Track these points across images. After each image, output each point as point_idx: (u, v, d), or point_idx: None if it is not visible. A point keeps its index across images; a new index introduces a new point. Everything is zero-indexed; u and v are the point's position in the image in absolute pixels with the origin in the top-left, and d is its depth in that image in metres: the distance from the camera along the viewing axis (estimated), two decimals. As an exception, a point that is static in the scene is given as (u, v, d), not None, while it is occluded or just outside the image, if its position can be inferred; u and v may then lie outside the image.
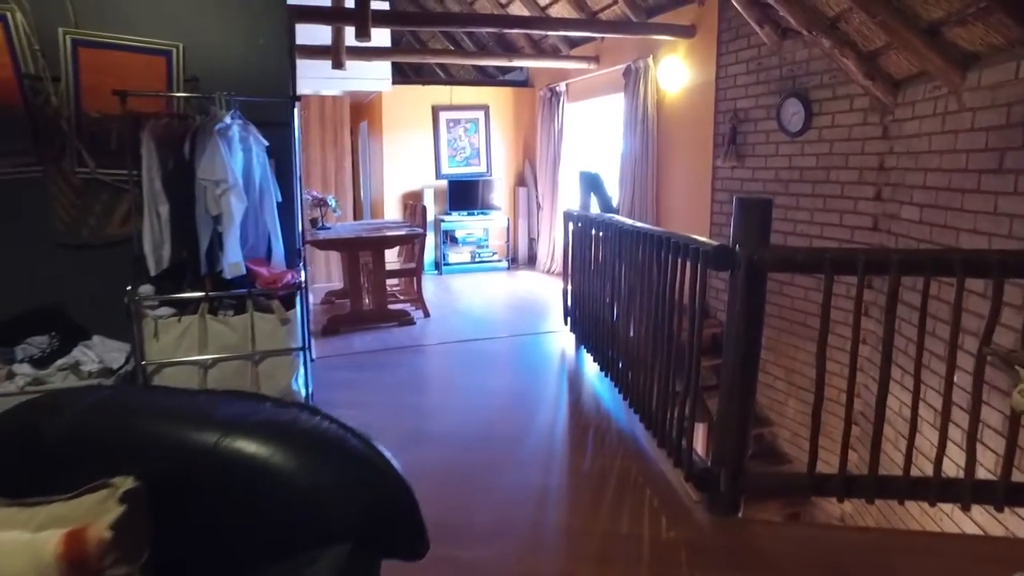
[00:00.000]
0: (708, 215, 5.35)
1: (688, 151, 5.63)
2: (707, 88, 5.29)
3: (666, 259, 2.71)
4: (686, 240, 2.54)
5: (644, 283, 3.01)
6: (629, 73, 6.21)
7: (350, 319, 5.42)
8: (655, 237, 2.83)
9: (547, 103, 7.99)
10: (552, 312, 5.82)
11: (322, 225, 5.85)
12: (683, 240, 2.56)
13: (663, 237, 2.73)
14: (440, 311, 6.02)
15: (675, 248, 2.61)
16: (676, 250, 2.61)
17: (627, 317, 3.34)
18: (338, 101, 7.35)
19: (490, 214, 8.40)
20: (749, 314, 2.22)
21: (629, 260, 3.25)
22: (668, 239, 2.67)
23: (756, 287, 2.22)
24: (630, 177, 6.22)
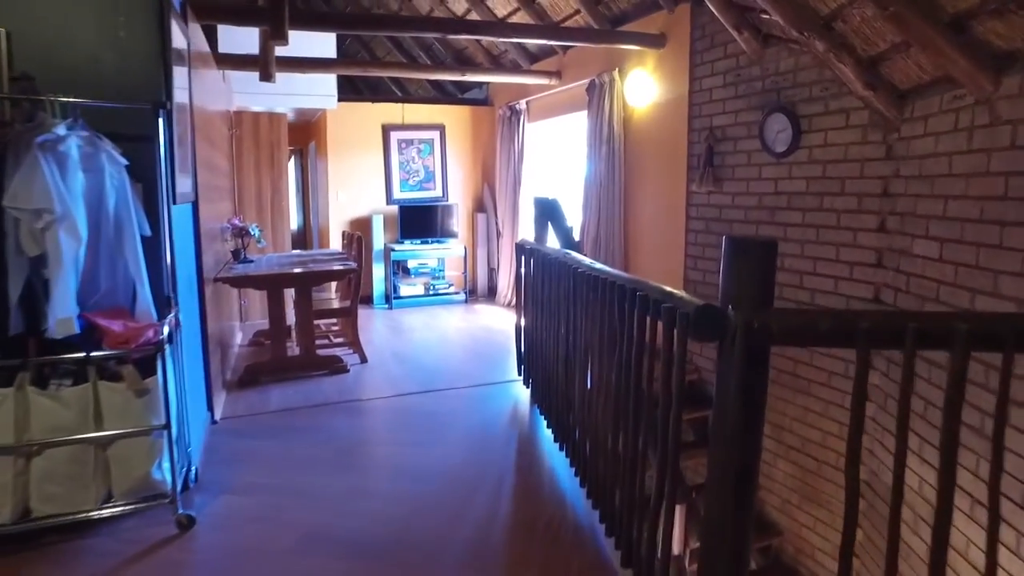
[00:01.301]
0: (682, 246, 4.72)
1: (659, 174, 5.03)
2: (679, 104, 4.70)
3: (631, 315, 2.03)
4: (659, 294, 1.87)
5: (604, 343, 2.33)
6: (593, 88, 5.61)
7: (272, 367, 4.66)
8: (618, 287, 2.15)
9: (507, 122, 7.37)
10: (509, 355, 5.13)
11: (244, 258, 5.11)
12: (655, 294, 1.89)
13: (628, 288, 2.06)
14: (380, 355, 5.28)
15: (643, 303, 1.94)
16: (644, 306, 1.93)
17: (584, 382, 2.66)
18: (275, 118, 6.64)
19: (446, 242, 7.72)
20: (747, 404, 1.55)
21: (586, 311, 2.58)
22: (634, 291, 2.00)
23: (756, 366, 1.55)
24: (594, 203, 5.59)
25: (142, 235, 2.69)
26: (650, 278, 4.81)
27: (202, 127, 4.07)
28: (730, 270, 1.58)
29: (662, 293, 1.85)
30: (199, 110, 3.99)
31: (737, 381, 1.54)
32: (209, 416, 3.76)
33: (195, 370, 3.54)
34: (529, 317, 3.87)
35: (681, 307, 1.68)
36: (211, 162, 4.47)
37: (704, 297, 1.72)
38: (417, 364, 5.04)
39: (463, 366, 4.99)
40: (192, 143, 3.51)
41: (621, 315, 2.10)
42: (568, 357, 2.89)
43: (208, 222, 4.22)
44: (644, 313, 1.94)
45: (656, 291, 1.89)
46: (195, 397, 3.47)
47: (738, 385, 1.54)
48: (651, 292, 1.90)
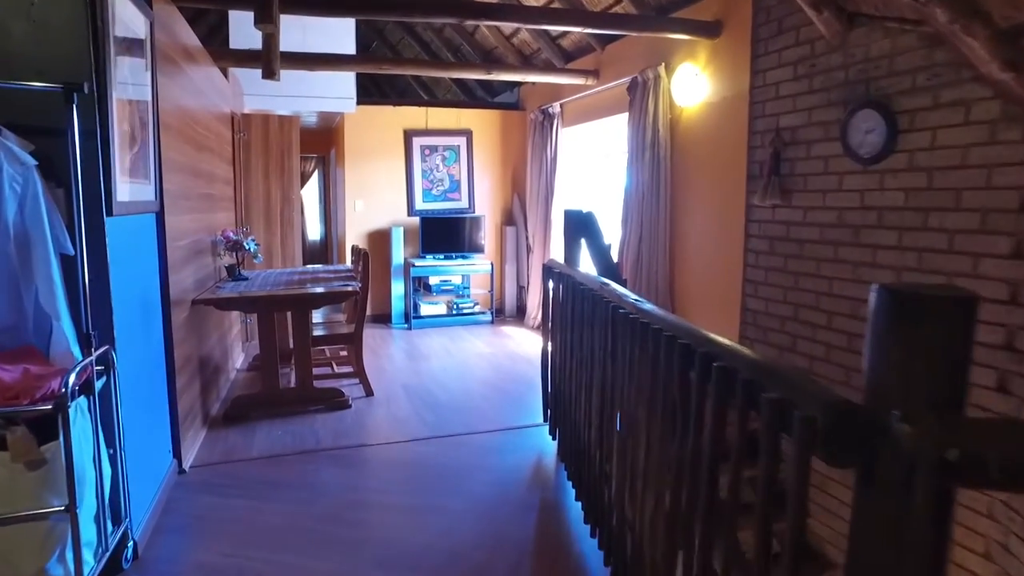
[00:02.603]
0: (739, 269, 4.00)
1: (712, 185, 4.32)
2: (738, 102, 4.00)
3: (700, 393, 1.35)
4: (750, 368, 1.19)
5: (654, 422, 1.65)
6: (635, 87, 4.94)
7: (262, 401, 4.08)
8: (680, 345, 1.48)
9: (539, 127, 6.74)
10: (535, 391, 4.47)
11: (238, 275, 4.56)
12: (743, 367, 1.21)
13: (697, 352, 1.38)
14: (389, 387, 4.67)
15: (722, 380, 1.26)
16: (725, 385, 1.25)
17: (625, 462, 1.98)
18: (286, 121, 6.13)
19: (472, 258, 7.10)
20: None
21: (629, 369, 1.90)
22: (709, 360, 1.32)
23: (941, 517, 0.86)
24: (635, 218, 4.91)
25: (63, 254, 2.12)
26: (700, 305, 4.04)
27: (180, 128, 3.53)
28: (891, 345, 0.89)
29: (755, 366, 1.17)
30: (177, 108, 3.46)
31: (911, 543, 0.85)
32: (175, 465, 3.18)
33: (156, 412, 2.96)
34: (557, 356, 3.21)
35: (797, 401, 1.00)
36: (196, 167, 3.93)
37: (771, 342, 1.04)
38: (429, 400, 4.41)
39: (482, 404, 4.34)
40: (156, 144, 2.95)
41: (684, 388, 1.43)
42: (603, 425, 2.21)
43: (188, 235, 3.67)
44: (723, 394, 1.26)
45: (745, 362, 1.21)
46: (153, 445, 2.90)
47: (911, 548, 0.86)
48: (737, 363, 1.22)
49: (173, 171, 3.34)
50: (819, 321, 3.38)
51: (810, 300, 3.45)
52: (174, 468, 3.16)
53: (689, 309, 4.61)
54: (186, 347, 3.46)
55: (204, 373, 3.93)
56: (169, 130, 3.24)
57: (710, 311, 4.39)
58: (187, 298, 3.57)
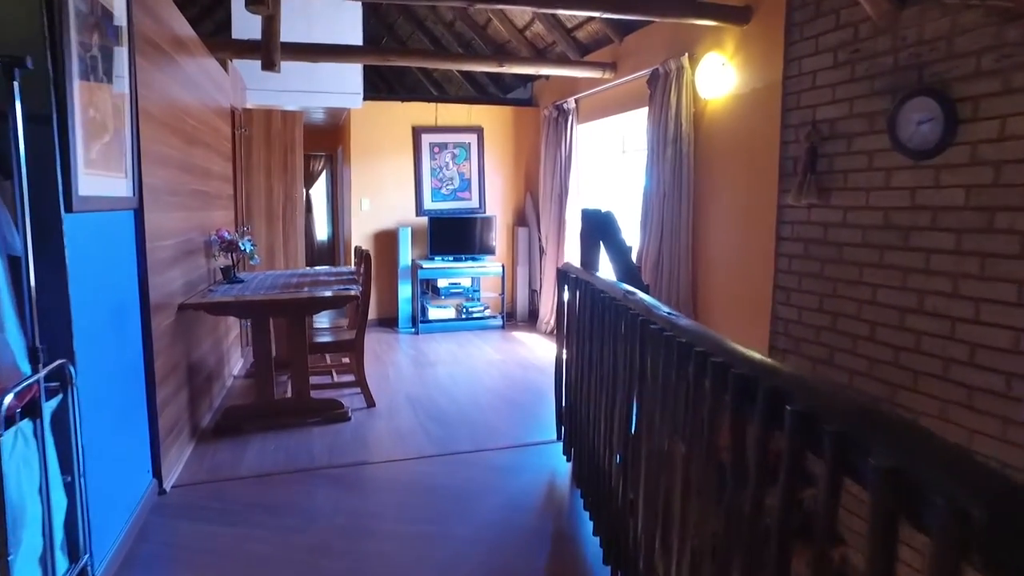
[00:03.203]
0: (770, 274, 3.69)
1: (740, 183, 4.02)
2: (769, 93, 3.69)
3: (764, 438, 1.06)
4: (845, 419, 0.89)
5: (699, 466, 1.36)
6: (656, 80, 4.64)
7: (256, 413, 3.82)
8: (734, 376, 1.18)
9: (553, 123, 6.45)
10: (547, 402, 4.18)
11: (233, 277, 4.31)
12: (831, 411, 0.91)
13: (764, 389, 1.09)
14: (392, 398, 4.40)
15: (800, 427, 0.96)
16: (802, 431, 0.96)
17: (654, 504, 1.68)
18: (289, 116, 5.88)
19: (482, 260, 6.82)
20: None
21: (663, 394, 1.61)
22: (775, 396, 1.03)
23: None
24: (656, 218, 4.61)
25: (9, 255, 1.85)
26: (725, 312, 3.74)
27: (167, 119, 3.29)
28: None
29: (852, 413, 0.88)
30: (164, 98, 3.21)
31: None
32: (154, 485, 2.92)
33: (132, 429, 2.71)
34: (573, 370, 2.92)
35: (932, 479, 0.70)
36: (186, 162, 3.67)
37: (805, 353, 0.75)
38: (435, 412, 4.13)
39: (491, 418, 4.05)
40: (135, 136, 2.69)
41: (739, 430, 1.13)
42: (628, 456, 1.92)
43: (176, 235, 3.42)
44: (802, 447, 0.96)
45: (835, 406, 0.91)
46: (128, 465, 2.64)
47: None
48: (821, 408, 0.92)
49: (158, 165, 3.09)
50: (861, 332, 3.07)
51: (851, 309, 3.13)
52: (153, 489, 2.90)
53: (713, 316, 4.30)
54: (171, 355, 3.21)
55: (194, 382, 3.68)
56: (152, 121, 2.99)
57: (736, 319, 4.08)
58: (173, 302, 3.31)
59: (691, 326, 1.49)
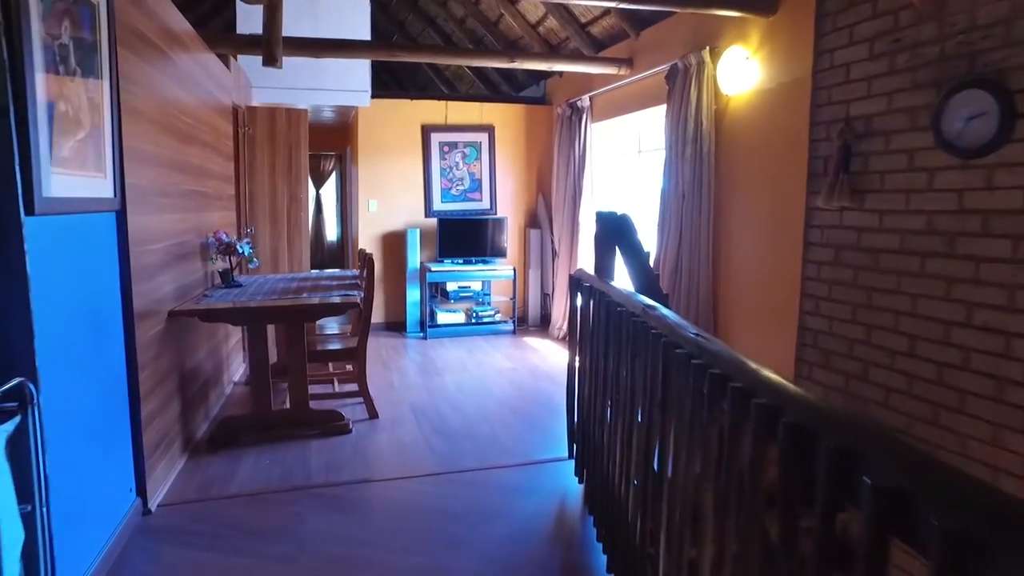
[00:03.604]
0: (797, 282, 3.45)
1: (764, 183, 3.78)
2: (797, 88, 3.46)
3: (830, 503, 0.84)
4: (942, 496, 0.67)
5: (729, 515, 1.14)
6: (675, 75, 4.41)
7: (252, 424, 3.63)
8: (786, 427, 0.96)
9: (566, 122, 6.23)
10: (559, 415, 3.97)
11: (232, 281, 4.13)
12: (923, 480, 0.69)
13: (814, 436, 0.86)
14: (396, 408, 4.20)
15: (879, 502, 0.74)
16: (881, 505, 0.73)
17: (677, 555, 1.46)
18: (294, 114, 5.71)
19: (493, 263, 6.61)
20: None
21: (689, 433, 1.38)
22: (842, 458, 0.80)
23: None
24: (674, 222, 4.38)
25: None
26: (747, 322, 3.49)
27: (158, 116, 3.12)
28: None
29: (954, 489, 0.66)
30: (154, 94, 3.04)
31: None
32: (138, 504, 2.73)
33: (112, 446, 2.53)
34: (586, 387, 2.71)
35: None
36: (180, 161, 3.50)
37: (836, 368, 0.54)
38: (440, 425, 3.92)
39: (499, 431, 3.83)
40: (116, 133, 2.51)
41: (790, 483, 0.91)
42: (647, 492, 1.69)
43: (168, 237, 3.25)
44: (883, 523, 0.74)
45: (928, 474, 0.69)
46: (107, 486, 2.46)
47: None
48: (909, 475, 0.70)
49: (146, 164, 2.91)
50: (899, 346, 2.83)
51: (887, 321, 2.89)
52: (137, 508, 2.72)
53: (734, 325, 4.07)
54: (160, 366, 3.03)
55: (188, 391, 3.50)
56: (139, 117, 2.81)
57: (760, 329, 3.85)
58: (163, 309, 3.13)
59: (725, 353, 1.27)
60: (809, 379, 3.40)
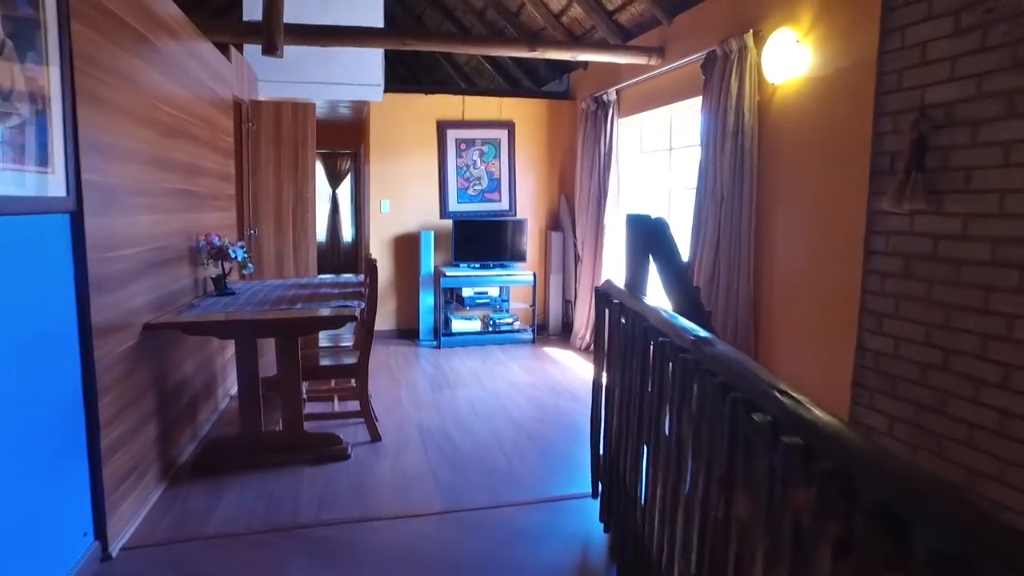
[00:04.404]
0: (856, 297, 3.01)
1: (816, 183, 3.35)
2: (859, 73, 3.02)
3: None
4: None
5: None
6: (712, 64, 3.98)
7: (240, 447, 3.28)
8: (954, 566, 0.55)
9: (591, 117, 5.82)
10: (582, 441, 3.57)
11: (225, 288, 3.79)
12: None
13: None
14: (402, 429, 3.82)
15: None
16: None
17: None
18: (300, 108, 5.37)
19: (512, 267, 6.22)
20: None
21: (766, 521, 0.97)
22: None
23: None
24: (710, 226, 3.95)
25: None
26: (793, 338, 3.05)
27: (134, 107, 2.79)
28: None
29: None
30: (129, 82, 2.70)
31: None
32: (95, 549, 2.38)
33: (64, 483, 2.18)
34: (615, 418, 2.30)
35: None
36: (163, 157, 3.16)
37: (903, 396, 0.46)
38: (448, 450, 3.54)
39: (514, 460, 3.43)
40: (69, 123, 2.16)
41: None
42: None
43: (144, 241, 2.91)
44: None
45: None
46: (59, 527, 2.11)
47: None
48: None
49: (116, 159, 2.57)
50: (989, 376, 2.38)
51: (972, 345, 2.44)
52: (95, 554, 2.37)
53: (778, 342, 3.63)
54: (130, 386, 2.68)
55: (169, 411, 3.16)
56: (104, 106, 2.47)
57: (808, 347, 3.41)
58: (136, 321, 2.79)
59: (833, 427, 0.86)
60: (869, 407, 2.95)
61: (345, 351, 3.81)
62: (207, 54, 4.08)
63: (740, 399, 1.07)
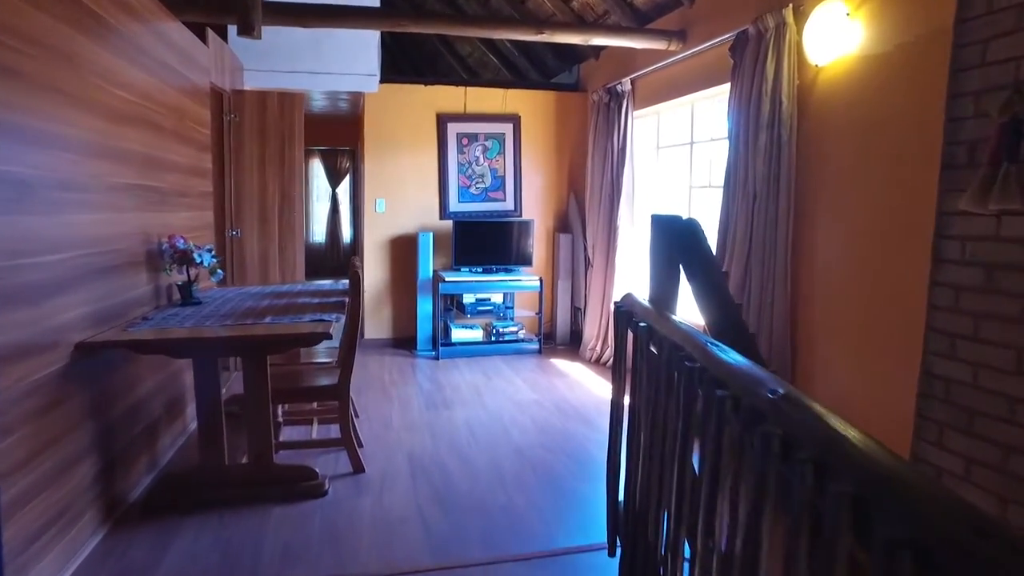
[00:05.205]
0: (921, 312, 2.54)
1: (869, 179, 2.87)
2: (928, 48, 2.55)
3: None
4: None
5: None
6: (743, 46, 3.52)
7: (200, 483, 2.84)
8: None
9: (603, 110, 5.35)
10: (596, 473, 3.11)
11: (191, 298, 3.35)
12: None
13: None
14: (390, 458, 3.37)
15: None
16: None
17: None
18: (287, 99, 4.93)
19: (516, 271, 5.77)
20: None
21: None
22: None
23: None
24: (741, 226, 3.48)
25: None
26: (839, 358, 2.53)
27: (62, 86, 2.34)
28: None
29: None
30: (52, 56, 2.25)
31: None
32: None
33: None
34: (640, 470, 1.84)
35: None
36: (111, 148, 2.73)
37: (982, 434, 0.63)
38: (441, 486, 3.08)
39: (516, 500, 2.96)
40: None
41: None
42: None
43: (81, 245, 2.47)
44: None
45: None
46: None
47: None
48: None
49: (33, 145, 2.13)
50: (1106, 418, 1.91)
51: (1081, 378, 1.97)
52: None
53: (819, 360, 3.16)
54: (53, 420, 2.24)
55: (116, 442, 2.72)
56: (22, 81, 2.03)
57: (857, 368, 2.93)
58: (64, 341, 2.35)
59: None
60: (938, 445, 2.48)
61: (326, 368, 3.37)
62: (175, 35, 3.64)
63: (854, 496, 0.60)
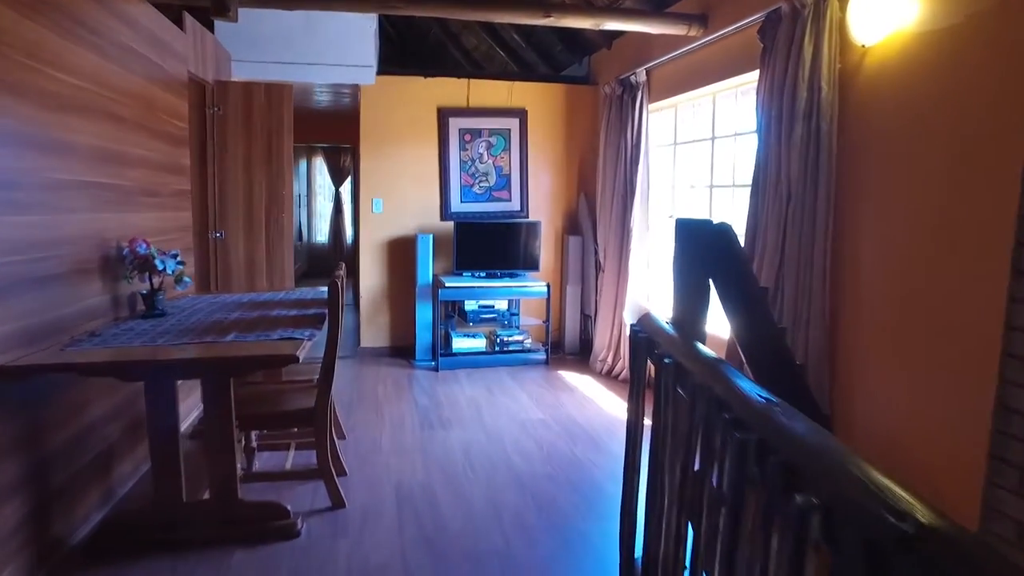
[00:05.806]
0: (996, 331, 2.14)
1: (926, 177, 2.47)
2: (1007, 18, 2.15)
3: None
4: None
5: None
6: (774, 26, 3.12)
7: (152, 525, 2.48)
8: None
9: (615, 103, 4.97)
10: (606, 509, 2.73)
11: (154, 308, 3.00)
12: None
13: None
14: (375, 488, 3.00)
15: None
16: None
17: None
18: (275, 91, 4.58)
19: (523, 277, 5.40)
20: None
21: None
22: None
23: None
24: (773, 231, 3.08)
25: None
26: (888, 379, 2.16)
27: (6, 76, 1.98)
28: None
29: None
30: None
31: None
32: None
33: None
34: (664, 541, 1.45)
35: None
36: (57, 141, 2.38)
37: None
38: (431, 526, 2.70)
39: (515, 543, 2.59)
40: None
41: None
42: None
43: (17, 250, 2.12)
44: None
45: None
46: None
47: None
48: None
49: None
50: None
51: None
52: None
53: (862, 382, 2.75)
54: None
55: (55, 477, 2.37)
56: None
57: (916, 404, 2.53)
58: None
59: None
60: (1018, 494, 2.08)
61: (307, 388, 3.00)
62: (142, 17, 3.29)
63: None
